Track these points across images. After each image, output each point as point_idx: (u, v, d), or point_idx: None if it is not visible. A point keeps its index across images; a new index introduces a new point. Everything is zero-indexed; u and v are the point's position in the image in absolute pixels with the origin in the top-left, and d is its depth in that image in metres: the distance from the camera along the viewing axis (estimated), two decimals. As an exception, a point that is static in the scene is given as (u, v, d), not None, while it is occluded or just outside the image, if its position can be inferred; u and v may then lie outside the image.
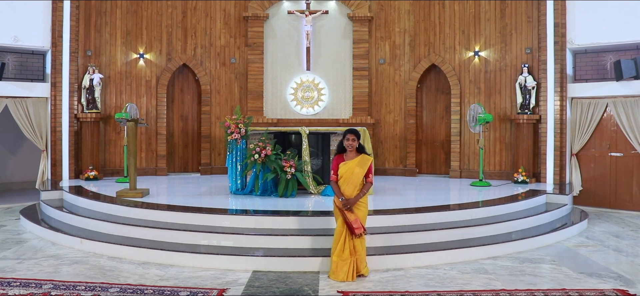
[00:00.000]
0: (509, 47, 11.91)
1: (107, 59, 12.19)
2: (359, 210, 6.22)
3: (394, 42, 12.73)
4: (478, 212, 8.25)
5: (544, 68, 11.29)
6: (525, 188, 10.43)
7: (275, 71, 12.83)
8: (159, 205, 8.22)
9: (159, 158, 12.54)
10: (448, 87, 12.50)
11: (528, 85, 11.38)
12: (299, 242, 6.88)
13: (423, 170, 12.84)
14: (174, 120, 12.90)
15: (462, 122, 12.27)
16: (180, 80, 12.93)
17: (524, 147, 11.51)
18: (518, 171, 11.25)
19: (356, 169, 6.19)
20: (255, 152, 9.01)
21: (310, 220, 7.40)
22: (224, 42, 12.80)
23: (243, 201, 8.85)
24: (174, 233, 7.17)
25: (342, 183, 6.21)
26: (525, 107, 11.46)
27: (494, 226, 7.82)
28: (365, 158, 6.27)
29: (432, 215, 7.81)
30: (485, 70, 12.12)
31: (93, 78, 11.65)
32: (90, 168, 11.52)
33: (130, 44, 12.36)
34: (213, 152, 12.84)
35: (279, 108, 12.83)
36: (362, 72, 12.70)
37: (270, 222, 7.36)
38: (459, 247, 7.03)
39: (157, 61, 12.53)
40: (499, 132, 12.01)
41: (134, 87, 12.43)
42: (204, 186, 10.78)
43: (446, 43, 12.40)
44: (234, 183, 9.40)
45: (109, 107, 12.18)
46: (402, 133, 12.76)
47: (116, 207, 8.28)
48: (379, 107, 12.83)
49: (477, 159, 12.11)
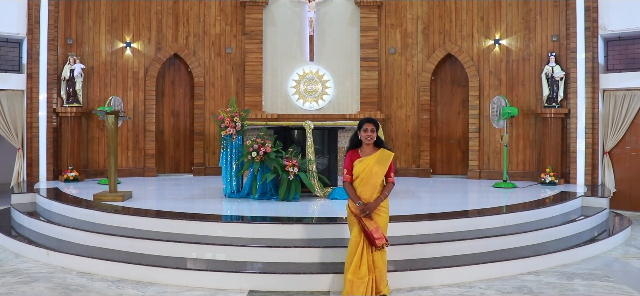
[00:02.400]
0: (533, 34, 10.83)
1: (89, 48, 11.09)
2: (379, 216, 5.11)
3: (406, 29, 11.64)
4: (509, 218, 7.14)
5: (573, 57, 10.26)
6: (553, 190, 9.39)
7: (275, 62, 11.73)
8: (140, 211, 7.10)
9: (147, 157, 11.44)
10: (465, 78, 11.42)
11: (555, 76, 10.31)
12: (304, 255, 5.78)
13: (437, 171, 11.74)
14: (164, 115, 11.79)
15: (482, 117, 11.19)
16: (171, 72, 11.83)
17: (551, 145, 10.42)
18: (545, 171, 10.16)
19: (375, 167, 5.08)
20: (252, 149, 7.90)
21: (317, 229, 6.28)
22: (219, 30, 11.72)
23: (239, 205, 7.74)
24: (156, 244, 6.07)
25: (359, 184, 5.10)
26: (552, 100, 10.39)
27: (529, 235, 6.75)
28: (386, 153, 5.15)
29: (459, 222, 6.74)
30: (507, 60, 11.04)
31: (74, 69, 10.61)
32: (70, 168, 10.42)
33: (116, 31, 11.27)
34: (207, 150, 11.73)
35: (280, 103, 11.73)
36: (370, 62, 11.61)
37: (269, 231, 6.24)
38: (494, 260, 5.96)
39: (146, 51, 11.44)
40: (522, 127, 10.91)
41: (120, 79, 11.33)
42: (196, 188, 9.69)
43: (463, 30, 11.33)
44: (229, 185, 8.29)
45: (91, 101, 11.07)
46: (414, 130, 11.66)
47: (92, 213, 7.17)
48: (390, 101, 11.73)
49: (498, 158, 11.04)
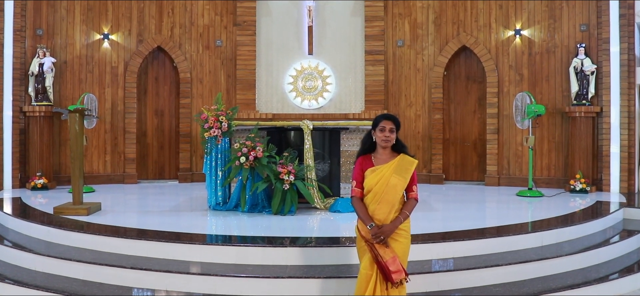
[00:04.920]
0: (559, 23, 9.67)
1: (62, 39, 9.91)
2: (398, 242, 3.92)
3: (415, 19, 10.46)
4: (547, 236, 5.95)
5: (606, 48, 9.13)
6: (585, 199, 8.24)
7: (270, 56, 10.55)
8: (102, 228, 5.90)
9: (127, 162, 10.26)
10: (482, 74, 10.25)
11: (585, 70, 9.15)
12: (301, 288, 4.59)
13: (450, 176, 10.55)
14: (146, 115, 10.61)
15: (500, 116, 10.02)
16: (155, 67, 10.65)
17: (581, 147, 9.24)
18: (575, 177, 8.98)
19: (393, 178, 3.88)
20: (241, 153, 6.72)
21: (318, 253, 5.08)
22: (207, 21, 10.55)
23: (224, 221, 6.56)
24: (118, 272, 4.88)
25: (371, 200, 3.91)
26: (582, 97, 9.23)
27: (572, 258, 5.53)
28: (407, 160, 3.95)
29: (487, 242, 5.53)
30: (529, 52, 9.88)
31: (43, 63, 9.46)
32: (38, 174, 9.24)
33: (92, 21, 10.11)
34: (194, 154, 10.56)
35: (275, 101, 10.55)
36: (376, 56, 10.44)
37: (258, 256, 5.05)
38: (543, 292, 4.74)
39: (126, 43, 10.27)
40: (547, 128, 9.73)
41: (97, 74, 10.17)
42: (179, 197, 8.53)
43: (479, 20, 10.16)
44: (214, 195, 7.10)
45: (64, 99, 9.89)
46: (425, 131, 10.47)
47: (48, 230, 5.97)
48: (397, 98, 10.55)
49: (519, 162, 9.87)
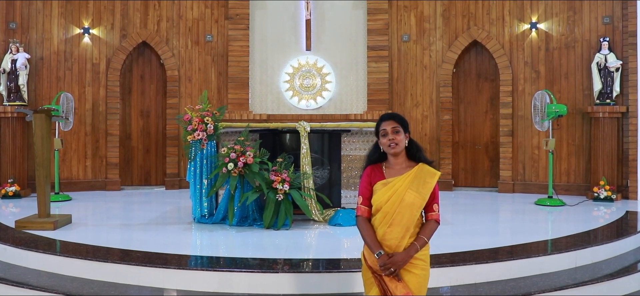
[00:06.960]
0: (579, 15, 8.88)
1: (38, 34, 9.13)
2: (413, 274, 3.10)
3: (422, 12, 9.67)
4: (582, 256, 5.15)
5: (633, 43, 8.39)
6: (611, 209, 7.48)
7: (264, 52, 9.75)
8: (66, 246, 5.08)
9: (109, 167, 9.46)
10: (495, 71, 9.46)
11: (609, 67, 8.37)
12: (295, 325, 3.80)
13: (460, 182, 9.75)
14: (131, 116, 9.81)
15: (515, 117, 9.23)
16: (140, 64, 9.86)
17: (605, 151, 8.45)
18: (599, 184, 8.18)
19: (409, 194, 3.07)
20: (229, 159, 5.92)
21: (316, 280, 4.27)
22: (196, 14, 9.76)
23: (209, 237, 5.75)
24: (75, 303, 4.07)
25: (381, 221, 3.10)
26: (605, 96, 8.44)
27: (612, 284, 4.74)
28: (426, 171, 3.13)
29: (512, 264, 4.72)
30: (547, 48, 9.09)
31: (16, 60, 8.68)
32: (9, 181, 8.44)
33: (71, 15, 9.32)
34: (183, 159, 9.75)
35: (270, 101, 9.75)
36: (380, 52, 9.63)
37: (244, 283, 4.24)
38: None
39: (108, 38, 9.48)
40: (566, 130, 8.94)
41: (76, 72, 9.37)
42: (164, 207, 7.73)
43: (492, 13, 9.38)
44: (198, 206, 6.29)
45: (40, 98, 9.10)
46: (433, 133, 9.67)
47: (4, 249, 5.17)
48: (403, 98, 9.75)
49: (536, 167, 9.08)
